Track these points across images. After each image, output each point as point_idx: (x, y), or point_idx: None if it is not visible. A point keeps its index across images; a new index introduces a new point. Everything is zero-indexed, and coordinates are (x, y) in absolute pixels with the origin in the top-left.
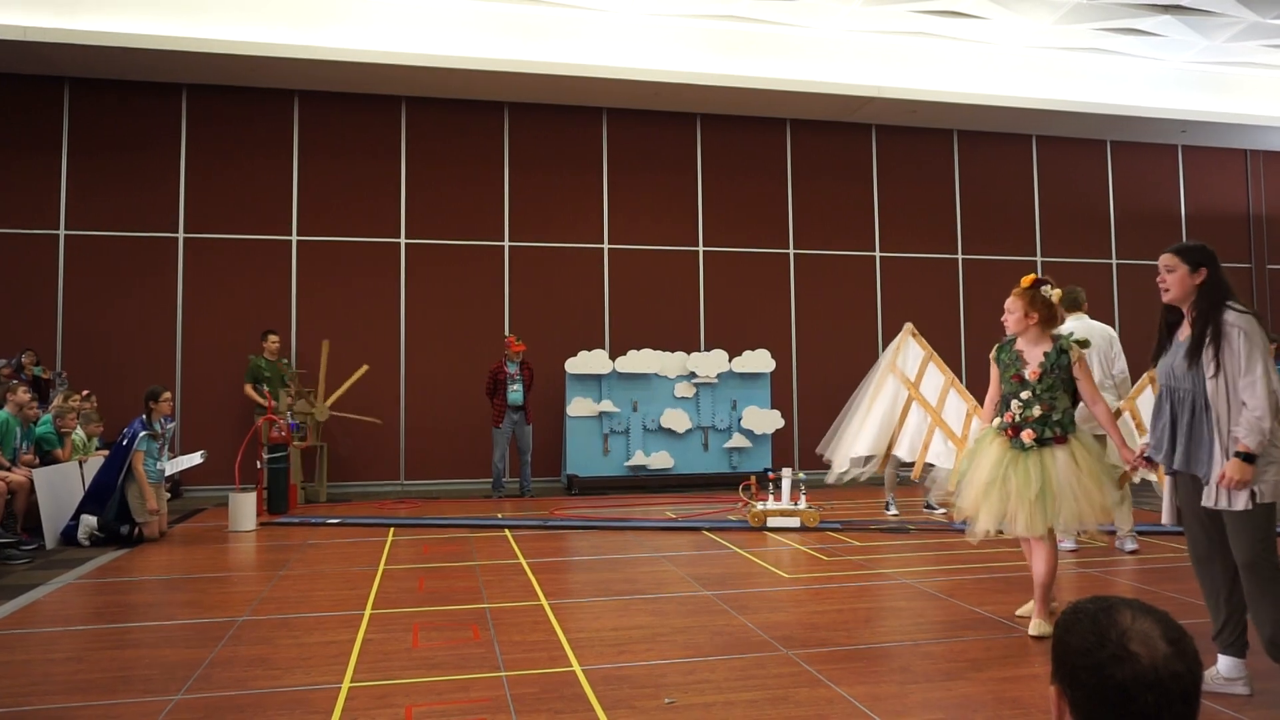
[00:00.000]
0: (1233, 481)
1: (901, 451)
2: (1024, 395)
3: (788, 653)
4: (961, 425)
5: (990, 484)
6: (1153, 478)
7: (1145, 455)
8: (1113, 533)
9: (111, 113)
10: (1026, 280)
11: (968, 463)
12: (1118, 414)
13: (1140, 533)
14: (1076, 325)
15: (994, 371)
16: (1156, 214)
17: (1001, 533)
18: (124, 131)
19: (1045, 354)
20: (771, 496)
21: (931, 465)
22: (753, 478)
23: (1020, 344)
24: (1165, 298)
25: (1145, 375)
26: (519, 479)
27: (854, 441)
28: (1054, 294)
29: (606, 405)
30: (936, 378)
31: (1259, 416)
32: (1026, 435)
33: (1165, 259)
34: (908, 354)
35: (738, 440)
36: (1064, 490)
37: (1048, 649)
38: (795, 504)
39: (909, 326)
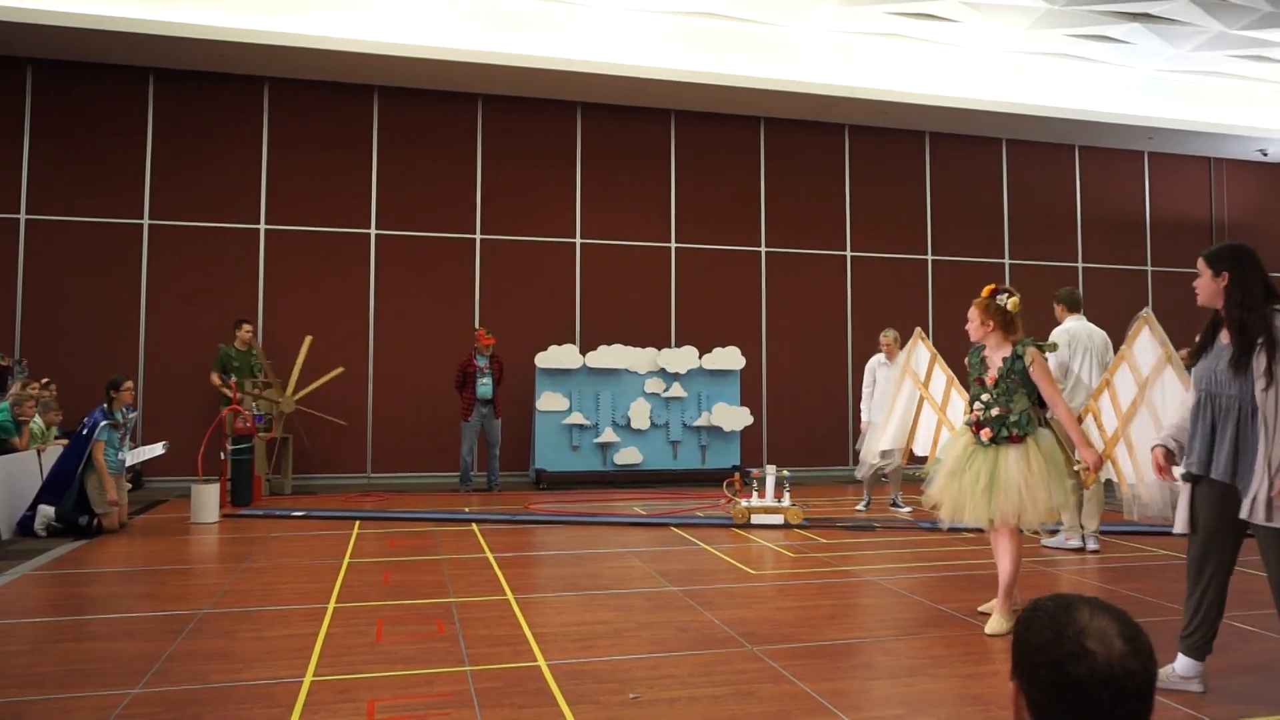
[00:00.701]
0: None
1: (917, 447)
2: (984, 398)
3: (752, 649)
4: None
5: (952, 475)
6: (1113, 479)
7: (1182, 468)
8: (1054, 531)
9: (76, 96)
10: (986, 291)
11: (941, 456)
12: (1081, 418)
13: (1101, 532)
14: (1076, 326)
15: (969, 374)
16: (1122, 219)
17: (982, 531)
18: (88, 116)
19: (1004, 359)
20: (755, 493)
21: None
22: (736, 475)
23: (987, 350)
24: (1197, 302)
25: (1102, 379)
26: (487, 473)
27: (879, 438)
28: (1010, 302)
29: (576, 400)
30: (942, 378)
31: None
32: (984, 434)
33: (1199, 263)
34: (919, 356)
35: (706, 437)
36: (1010, 487)
37: (1009, 646)
38: (779, 501)
39: (919, 331)
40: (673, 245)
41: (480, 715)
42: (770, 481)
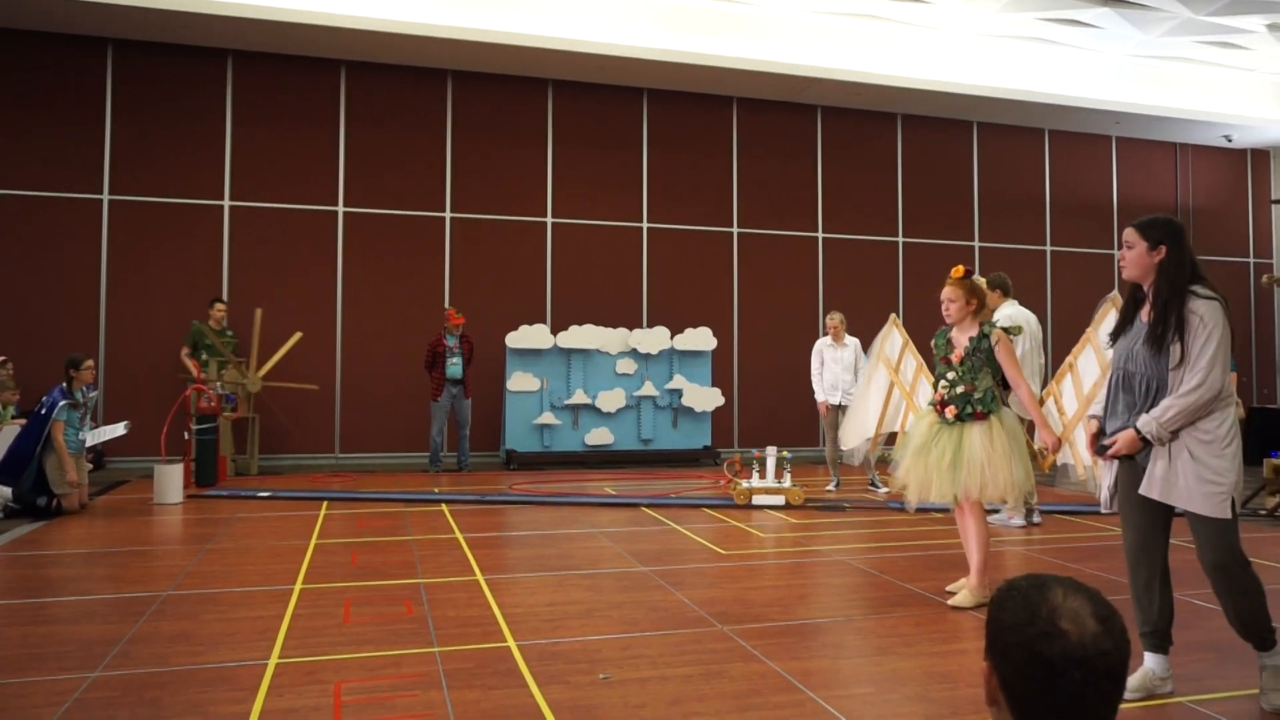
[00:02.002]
0: (1118, 449)
1: (892, 428)
2: (949, 376)
3: (722, 628)
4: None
5: (918, 454)
6: (1070, 461)
7: (1095, 438)
8: (994, 510)
9: (32, 68)
10: (958, 271)
11: (907, 437)
12: (1043, 400)
13: (1062, 513)
14: (1014, 311)
15: (935, 355)
16: (1089, 203)
17: (949, 510)
18: (44, 87)
19: (970, 338)
20: (756, 474)
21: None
22: (736, 456)
23: (953, 331)
24: (1124, 275)
25: (1065, 361)
26: (457, 453)
27: (854, 425)
28: (980, 281)
29: (547, 380)
30: (912, 363)
31: (1175, 413)
32: (949, 411)
33: (1126, 233)
34: (893, 342)
35: (678, 418)
36: (973, 463)
37: (977, 625)
38: (780, 482)
39: (894, 317)
40: (644, 225)
41: (449, 696)
42: (771, 463)
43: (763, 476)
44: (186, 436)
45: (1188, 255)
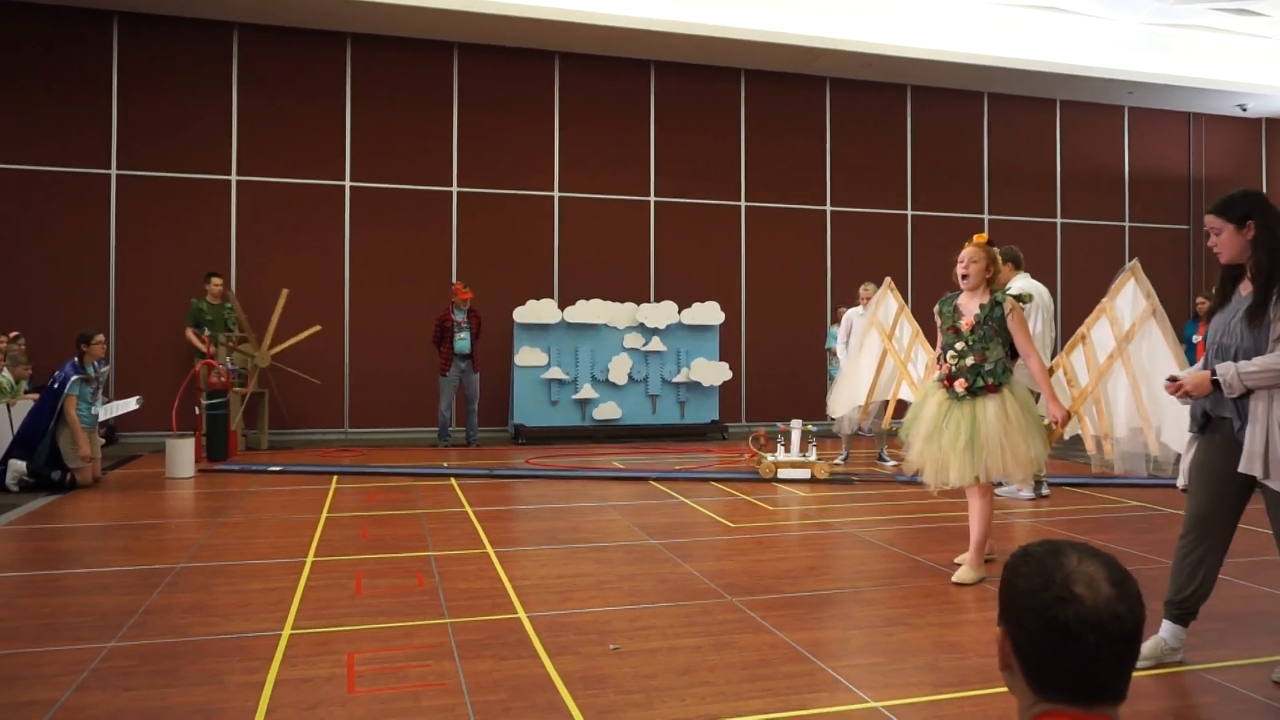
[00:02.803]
0: (1182, 389)
1: (885, 397)
2: (958, 346)
3: (732, 600)
4: (923, 376)
5: (930, 436)
6: (1079, 433)
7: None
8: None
9: (36, 39)
10: (981, 237)
11: (913, 416)
12: (1052, 370)
13: (1071, 485)
14: (1026, 284)
15: (939, 324)
16: (1101, 174)
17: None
18: (50, 61)
19: (981, 306)
20: (781, 448)
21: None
22: (761, 430)
23: (961, 298)
24: (1221, 260)
25: (1077, 332)
26: (465, 428)
27: (845, 392)
28: (997, 252)
29: (555, 355)
30: (908, 330)
31: (1258, 369)
32: (959, 385)
33: (1210, 220)
34: (888, 308)
35: (685, 392)
36: (991, 441)
37: (984, 595)
38: (805, 455)
39: (888, 281)
40: (652, 199)
41: (461, 667)
42: (796, 436)
43: (788, 450)
44: (197, 411)
45: (1278, 223)
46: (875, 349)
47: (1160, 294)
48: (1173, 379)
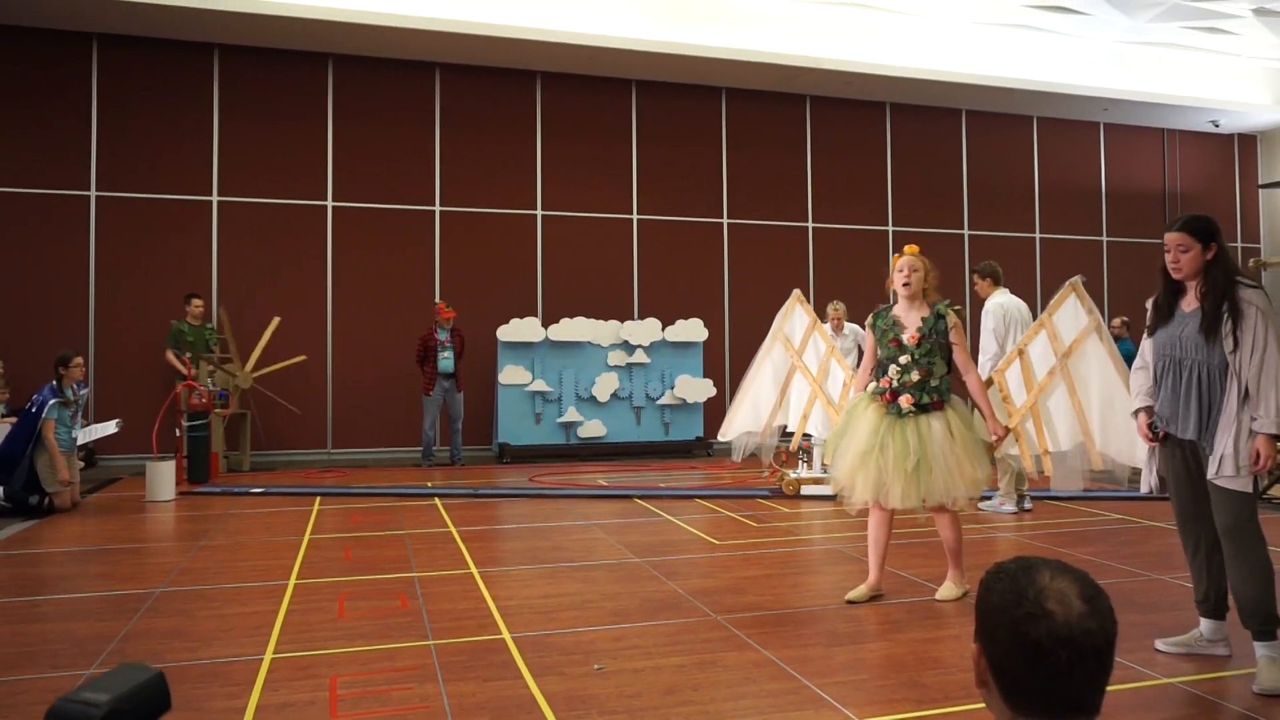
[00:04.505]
0: (1266, 459)
1: (789, 422)
2: (902, 360)
3: (716, 617)
4: (839, 395)
5: (867, 453)
6: (1015, 451)
7: (1151, 427)
8: (988, 497)
9: (14, 60)
10: (912, 248)
11: (842, 431)
12: (988, 384)
13: (1053, 499)
14: (1006, 300)
15: (869, 339)
16: (1079, 189)
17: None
18: (29, 82)
19: (923, 319)
20: (804, 465)
21: (809, 435)
22: (783, 447)
23: (897, 310)
24: (1177, 275)
25: (1014, 348)
26: (449, 447)
27: (742, 413)
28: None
29: (538, 373)
30: (819, 346)
31: (1275, 402)
32: (905, 400)
33: (1177, 238)
34: (795, 321)
35: (670, 410)
36: (938, 461)
37: (967, 611)
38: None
39: (796, 293)
40: (634, 217)
41: (445, 689)
42: (819, 453)
43: (809, 467)
44: (178, 433)
45: (1228, 250)
46: (780, 365)
47: (1136, 307)
48: (1255, 459)
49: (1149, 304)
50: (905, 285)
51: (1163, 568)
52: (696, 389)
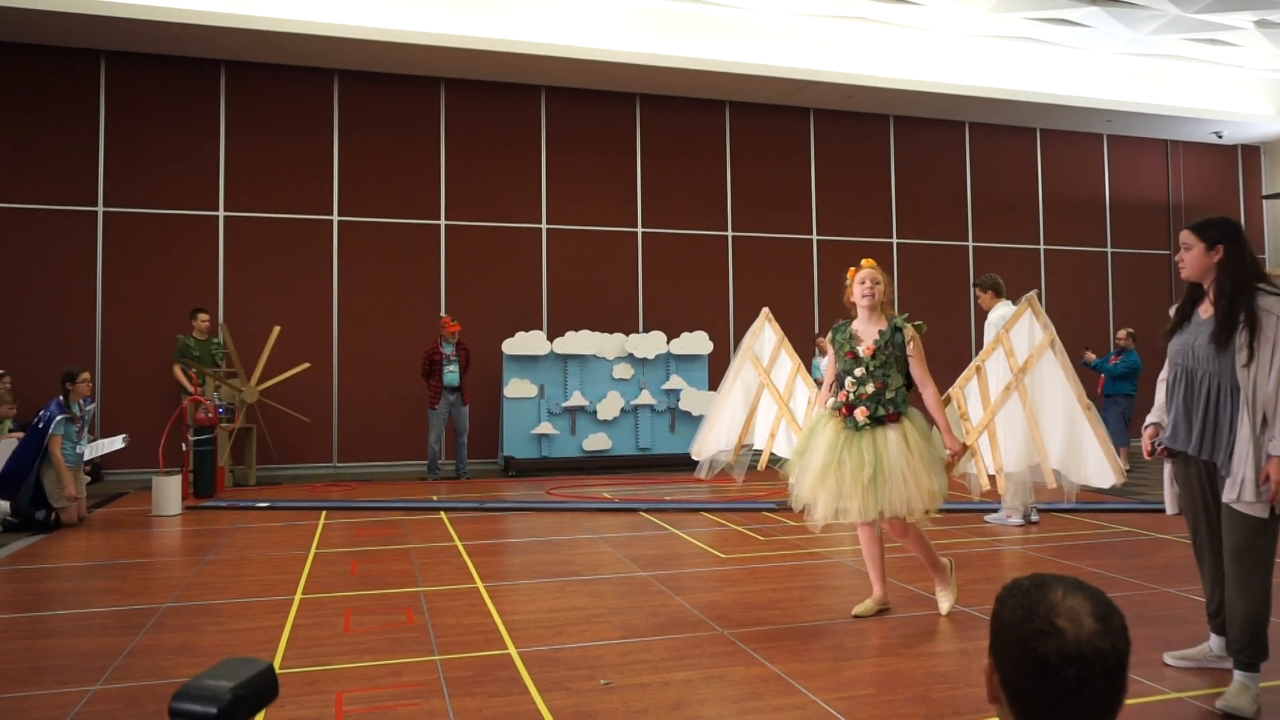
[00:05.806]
0: (1277, 483)
1: (752, 440)
2: (857, 372)
3: (723, 632)
4: (804, 413)
5: (826, 468)
6: (973, 469)
7: (1153, 441)
8: (994, 509)
9: (23, 77)
10: (869, 261)
11: (803, 448)
12: (946, 400)
13: (1061, 511)
14: (1006, 312)
15: (830, 353)
16: (1083, 201)
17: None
18: (38, 100)
19: (880, 332)
20: None
21: (776, 456)
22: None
23: (856, 324)
24: (1182, 276)
25: (971, 365)
26: (455, 461)
27: (712, 432)
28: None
29: (544, 386)
30: (787, 364)
31: None
32: (860, 413)
33: (1183, 235)
34: (764, 339)
35: (675, 422)
36: (894, 473)
37: (974, 625)
38: None
39: (766, 311)
40: (639, 230)
41: (451, 705)
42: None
43: None
44: (184, 448)
45: (1248, 253)
46: (750, 384)
47: (1141, 319)
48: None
49: (1171, 310)
50: (866, 298)
51: (1171, 581)
52: (702, 401)
